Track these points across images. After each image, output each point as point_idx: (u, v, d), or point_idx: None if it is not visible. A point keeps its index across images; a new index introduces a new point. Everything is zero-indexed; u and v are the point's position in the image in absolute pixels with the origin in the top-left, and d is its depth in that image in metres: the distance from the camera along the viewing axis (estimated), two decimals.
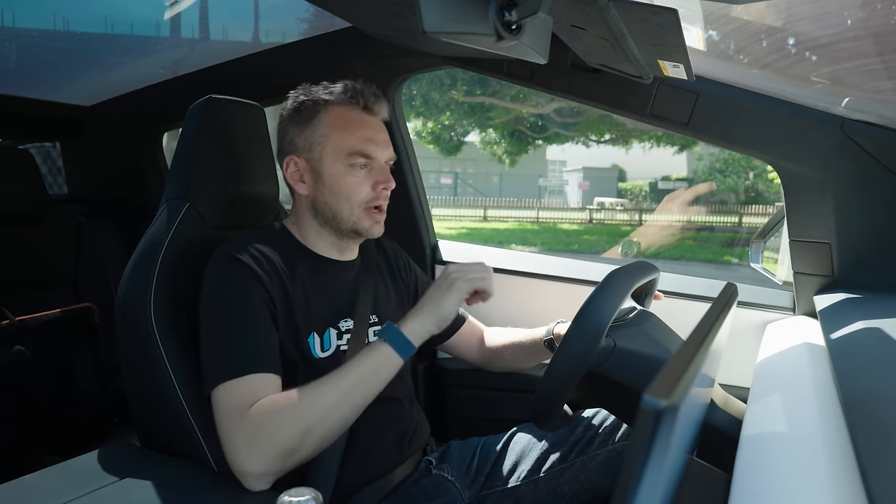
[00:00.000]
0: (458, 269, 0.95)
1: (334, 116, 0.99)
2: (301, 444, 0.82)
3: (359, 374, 0.87)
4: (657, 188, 21.00)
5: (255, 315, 0.89)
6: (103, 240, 1.88)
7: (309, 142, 0.99)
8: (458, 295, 0.93)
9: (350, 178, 0.98)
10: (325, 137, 0.98)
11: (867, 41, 1.04)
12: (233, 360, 0.85)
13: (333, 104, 1.00)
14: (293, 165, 1.01)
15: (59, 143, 2.21)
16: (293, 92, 1.04)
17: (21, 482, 0.77)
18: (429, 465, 1.07)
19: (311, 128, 0.99)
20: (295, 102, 1.02)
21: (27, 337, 1.52)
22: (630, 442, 0.33)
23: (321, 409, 0.83)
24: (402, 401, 1.07)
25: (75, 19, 1.49)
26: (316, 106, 0.99)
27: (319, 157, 0.99)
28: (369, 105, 1.01)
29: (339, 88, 1.00)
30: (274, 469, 0.81)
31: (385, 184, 1.00)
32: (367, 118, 1.01)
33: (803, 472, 0.53)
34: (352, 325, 1.02)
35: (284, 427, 0.81)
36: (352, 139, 0.98)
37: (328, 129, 0.98)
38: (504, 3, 0.60)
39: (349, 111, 1.00)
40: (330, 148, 0.98)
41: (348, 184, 0.98)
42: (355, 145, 0.98)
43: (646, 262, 0.91)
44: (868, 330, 0.84)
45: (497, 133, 14.48)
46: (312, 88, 1.02)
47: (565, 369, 0.76)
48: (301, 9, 1.49)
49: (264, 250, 0.95)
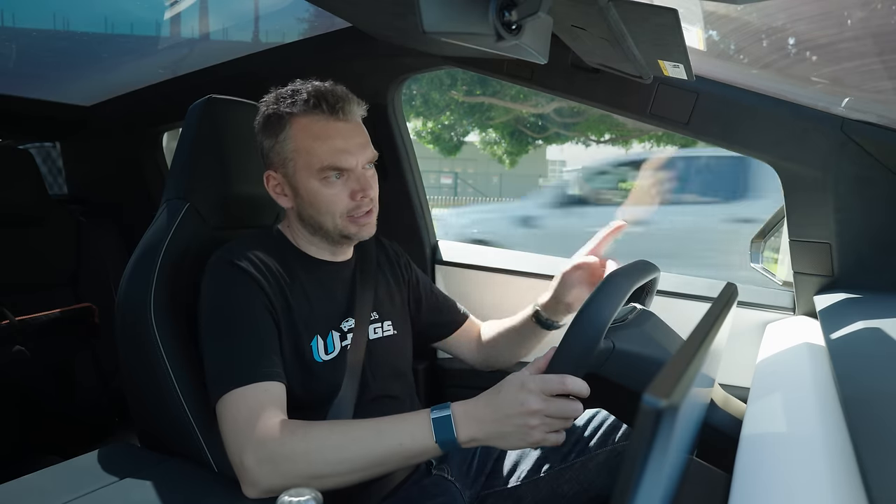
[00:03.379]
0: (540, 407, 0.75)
1: (300, 129, 0.94)
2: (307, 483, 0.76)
3: (385, 445, 0.79)
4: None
5: (257, 322, 0.89)
6: (103, 240, 1.88)
7: (282, 157, 0.96)
8: (528, 439, 0.77)
9: (326, 191, 0.95)
10: (296, 153, 0.95)
11: (867, 41, 1.04)
12: (238, 370, 0.84)
13: (297, 116, 0.94)
14: (272, 180, 0.99)
15: (59, 143, 2.21)
16: (263, 100, 0.99)
17: (21, 482, 0.77)
18: (429, 466, 1.07)
19: (280, 143, 0.96)
20: (264, 112, 0.98)
21: (27, 337, 1.52)
22: (630, 442, 0.33)
23: (340, 466, 0.79)
24: (403, 400, 1.07)
25: (75, 19, 1.49)
26: (281, 120, 0.95)
27: (293, 172, 0.96)
28: (335, 110, 0.94)
29: (303, 97, 0.94)
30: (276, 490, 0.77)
31: (363, 192, 0.96)
32: (336, 125, 0.95)
33: (803, 472, 0.53)
34: (353, 325, 1.02)
35: (296, 466, 0.79)
36: (321, 153, 0.93)
37: (296, 144, 0.94)
38: (504, 3, 0.60)
39: (314, 121, 0.94)
40: (301, 164, 0.95)
41: (325, 196, 0.95)
42: (325, 159, 0.93)
43: (646, 261, 0.91)
44: (868, 330, 0.84)
45: (497, 133, 14.46)
46: (281, 95, 0.97)
47: (565, 370, 0.76)
48: (301, 9, 1.49)
49: (262, 255, 0.95)
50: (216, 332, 0.88)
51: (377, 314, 1.07)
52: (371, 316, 1.05)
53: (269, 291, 0.92)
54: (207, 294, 0.91)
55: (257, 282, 0.91)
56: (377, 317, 1.07)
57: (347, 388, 0.96)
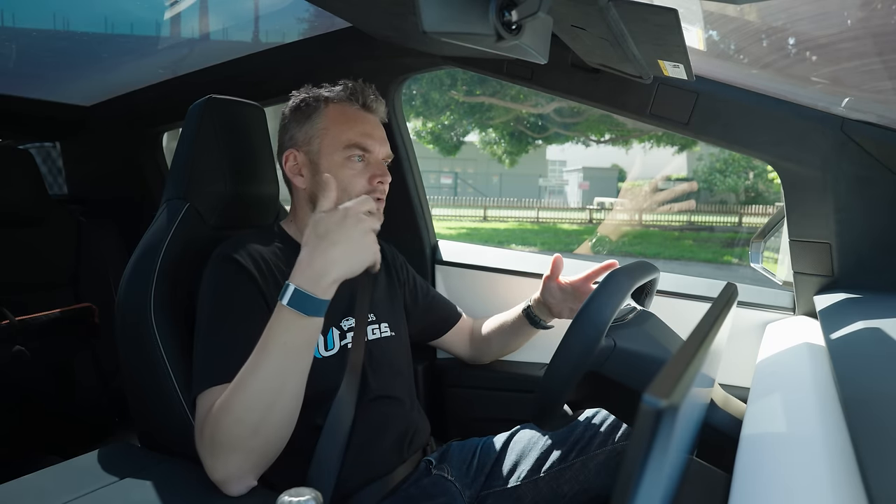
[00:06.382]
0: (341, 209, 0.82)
1: (333, 112, 1.02)
2: (254, 439, 0.77)
3: (278, 355, 0.77)
4: (657, 188, 20.99)
5: (247, 319, 0.88)
6: (103, 240, 1.88)
7: (308, 136, 1.02)
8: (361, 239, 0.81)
9: (347, 170, 1.00)
10: (324, 131, 1.01)
11: (867, 41, 1.04)
12: (216, 368, 0.83)
13: (333, 101, 1.03)
14: (292, 159, 1.03)
15: (59, 143, 2.21)
16: (296, 91, 1.07)
17: (21, 482, 0.77)
18: (429, 465, 1.07)
19: (310, 122, 1.02)
20: (296, 101, 1.05)
21: (27, 337, 1.52)
22: (630, 442, 0.33)
23: (259, 404, 0.77)
24: (403, 400, 1.07)
25: (75, 19, 1.49)
26: (317, 102, 1.03)
27: (318, 149, 1.01)
28: (368, 103, 1.05)
29: (340, 87, 1.05)
30: (245, 470, 0.78)
31: (381, 177, 1.02)
32: (365, 115, 1.04)
33: (803, 472, 0.53)
34: (353, 324, 1.02)
35: (231, 430, 0.76)
36: (350, 132, 1.01)
37: (327, 123, 1.01)
38: (504, 3, 0.60)
39: (348, 107, 1.03)
40: (328, 140, 1.01)
41: (345, 175, 1.00)
42: (353, 138, 1.00)
43: (646, 262, 0.91)
44: (868, 330, 0.84)
45: (497, 133, 14.48)
46: (314, 89, 1.06)
47: (565, 369, 0.76)
48: (301, 9, 1.49)
49: (262, 251, 0.95)
50: (206, 327, 0.88)
51: (374, 316, 1.08)
52: (368, 318, 1.05)
53: (267, 286, 0.92)
54: (205, 288, 0.92)
55: (255, 277, 0.91)
56: (374, 318, 1.07)
57: (348, 387, 0.96)
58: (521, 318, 1.25)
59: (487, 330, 1.32)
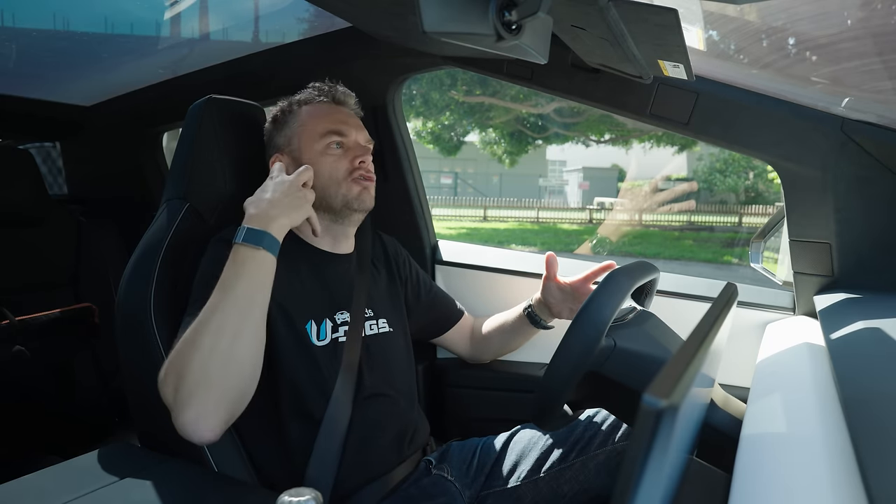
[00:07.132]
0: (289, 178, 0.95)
1: (307, 111, 1.09)
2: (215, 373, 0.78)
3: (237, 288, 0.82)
4: (657, 189, 20.99)
5: None
6: (103, 240, 1.89)
7: (288, 137, 1.07)
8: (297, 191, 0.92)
9: (328, 158, 1.04)
10: (301, 128, 1.06)
11: (867, 41, 1.04)
12: None
13: (305, 102, 1.10)
14: (278, 162, 1.04)
15: (59, 143, 2.22)
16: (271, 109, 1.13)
17: (21, 482, 0.77)
18: (428, 465, 1.07)
19: (288, 125, 1.08)
20: (273, 113, 1.11)
21: (27, 337, 1.52)
22: (630, 442, 0.33)
23: (221, 337, 0.79)
24: (400, 398, 1.06)
25: (75, 19, 1.49)
26: (290, 107, 1.10)
27: (298, 146, 1.06)
28: (337, 97, 1.12)
29: (309, 91, 1.12)
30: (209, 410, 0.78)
31: (362, 156, 1.06)
32: (337, 107, 1.11)
33: (803, 472, 0.53)
34: (348, 318, 1.02)
35: (193, 363, 0.78)
36: (324, 122, 1.06)
37: (303, 120, 1.07)
38: (504, 3, 0.60)
39: (319, 105, 1.10)
40: (306, 135, 1.06)
41: (327, 163, 1.04)
42: (328, 126, 1.05)
43: (646, 262, 0.91)
44: (868, 330, 0.84)
45: (497, 133, 14.47)
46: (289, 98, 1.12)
47: (565, 369, 0.76)
48: (301, 9, 1.49)
49: None
50: (192, 302, 0.88)
51: (372, 311, 1.08)
52: (366, 312, 1.06)
53: None
54: (200, 268, 0.93)
55: None
56: (372, 314, 1.08)
57: (344, 384, 0.96)
58: (522, 317, 1.26)
59: (488, 329, 1.32)
